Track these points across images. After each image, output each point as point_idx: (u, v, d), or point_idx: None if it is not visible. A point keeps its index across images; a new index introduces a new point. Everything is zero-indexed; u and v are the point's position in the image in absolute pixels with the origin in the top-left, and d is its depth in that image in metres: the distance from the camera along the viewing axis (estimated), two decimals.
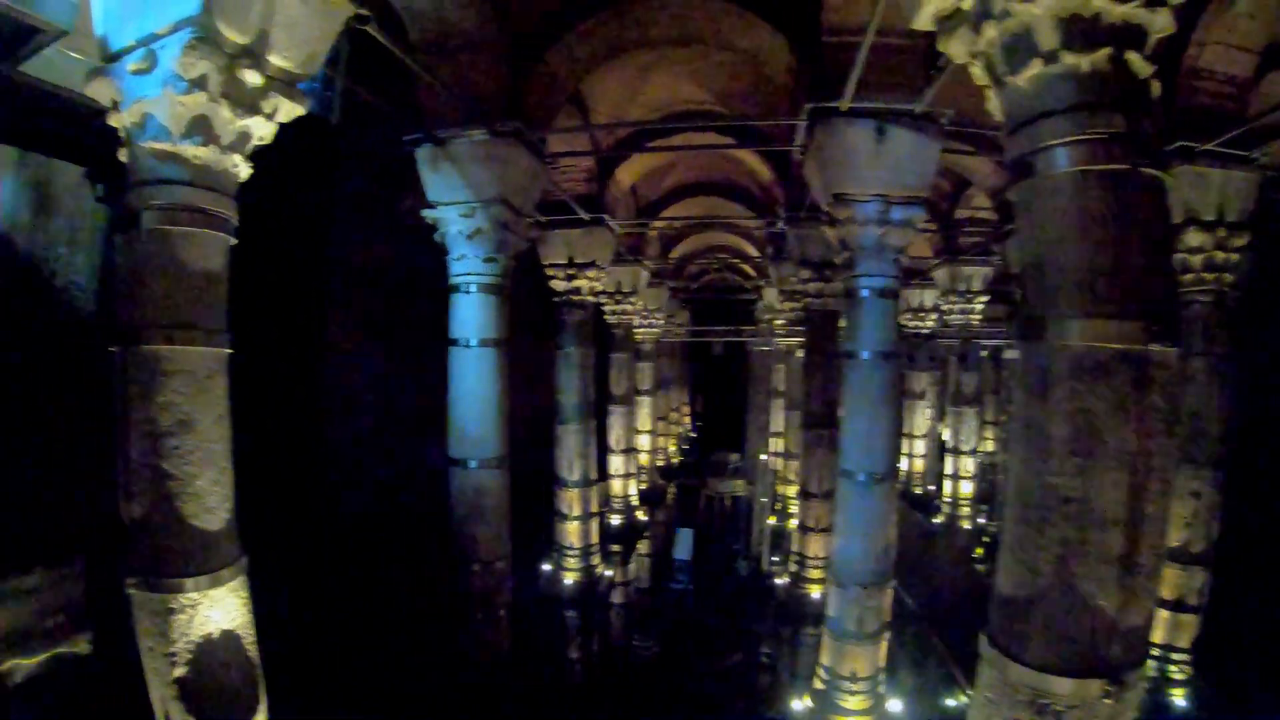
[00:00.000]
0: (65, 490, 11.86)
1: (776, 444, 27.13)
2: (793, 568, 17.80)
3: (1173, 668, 10.91)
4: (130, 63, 5.13)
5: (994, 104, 5.00)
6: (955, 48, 5.06)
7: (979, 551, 23.35)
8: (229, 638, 5.53)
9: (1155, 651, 10.83)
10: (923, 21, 5.27)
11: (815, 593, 16.69)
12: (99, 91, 5.38)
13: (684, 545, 22.13)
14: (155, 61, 5.03)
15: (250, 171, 5.72)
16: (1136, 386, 4.25)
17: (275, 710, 6.04)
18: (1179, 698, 10.83)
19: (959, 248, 19.93)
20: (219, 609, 5.45)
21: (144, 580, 5.33)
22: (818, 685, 11.38)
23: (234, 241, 5.66)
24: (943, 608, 17.25)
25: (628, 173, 17.82)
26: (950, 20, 5.04)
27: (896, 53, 8.86)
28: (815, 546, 16.71)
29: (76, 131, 10.19)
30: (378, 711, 12.34)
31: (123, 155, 5.46)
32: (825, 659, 11.21)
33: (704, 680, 15.96)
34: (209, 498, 5.40)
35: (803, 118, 9.69)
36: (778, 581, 18.65)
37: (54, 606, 11.06)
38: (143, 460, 5.24)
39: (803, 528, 17.04)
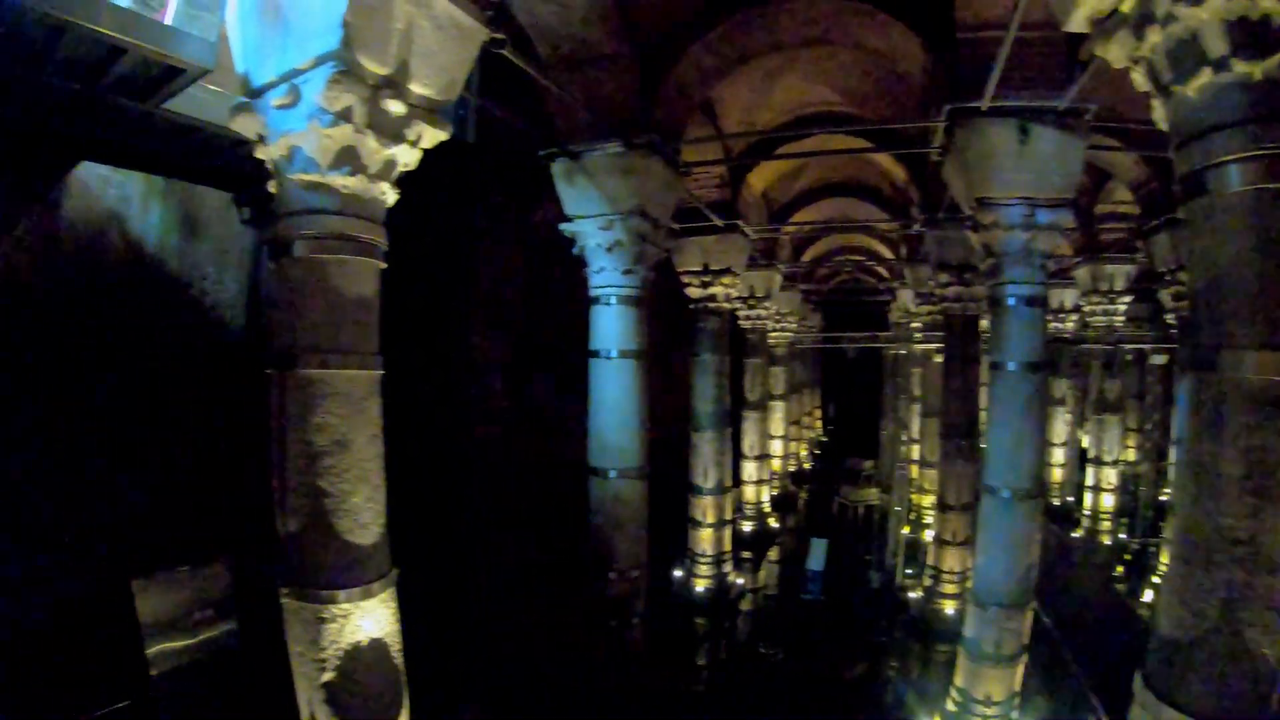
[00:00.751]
0: (212, 494, 12.44)
1: (912, 451, 26.37)
2: (927, 582, 17.28)
3: None
4: (274, 98, 5.26)
5: (1158, 113, 4.70)
6: (1114, 52, 4.76)
7: (1119, 570, 22.05)
8: (377, 646, 5.67)
9: None
10: (1076, 23, 5.01)
11: (949, 609, 16.19)
12: (244, 126, 5.55)
13: (817, 555, 21.67)
14: (299, 96, 5.15)
15: (397, 196, 5.83)
16: None
17: (416, 712, 6.17)
18: None
19: (1100, 245, 18.95)
20: (369, 619, 5.59)
21: (297, 590, 5.48)
22: (950, 706, 11.02)
23: (384, 266, 5.78)
24: (1080, 630, 16.45)
25: (759, 177, 17.66)
26: (1107, 23, 4.75)
27: (1035, 47, 8.41)
28: (951, 560, 16.20)
29: (218, 160, 10.64)
30: (513, 713, 12.50)
31: (271, 186, 5.62)
32: (959, 680, 10.84)
33: (833, 692, 15.63)
34: (363, 514, 5.54)
35: (942, 119, 9.34)
36: (911, 595, 18.19)
37: (201, 600, 11.59)
38: (299, 478, 5.39)
39: (939, 540, 16.54)
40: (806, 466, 38.18)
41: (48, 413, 10.83)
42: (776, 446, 28.80)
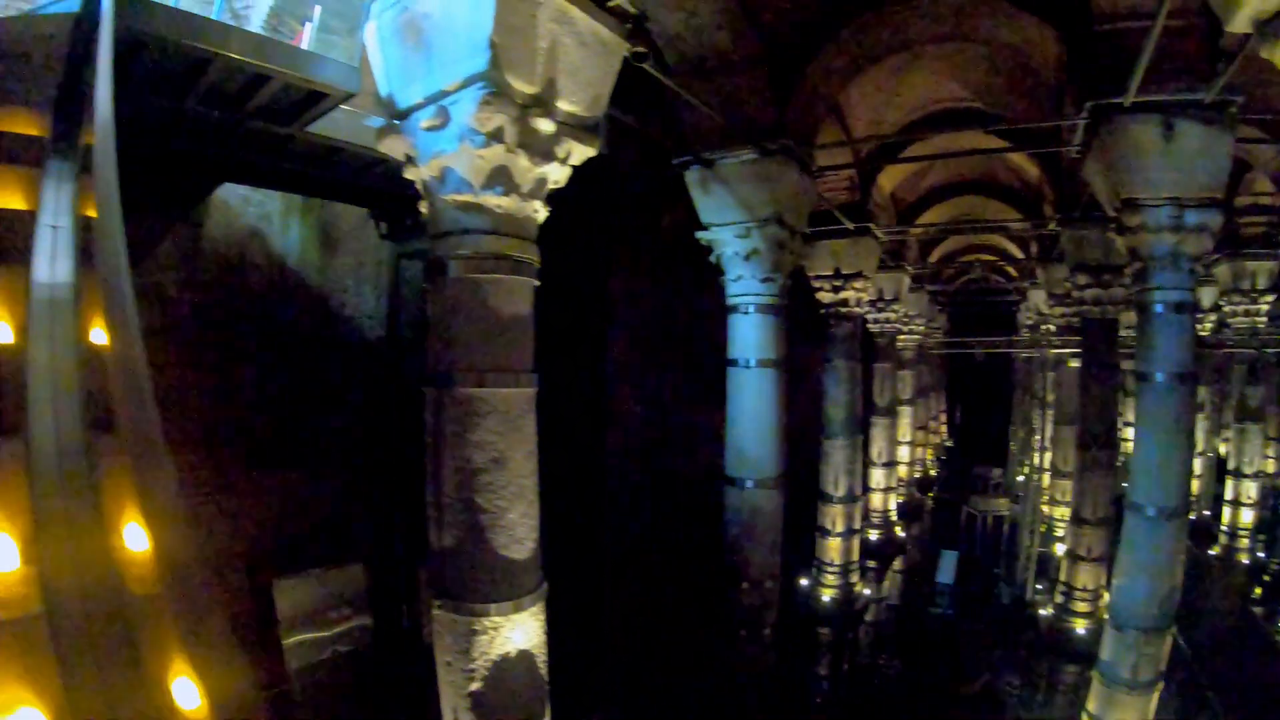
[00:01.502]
0: (350, 498, 12.85)
1: (1043, 459, 25.28)
2: (1058, 599, 16.52)
3: None
4: (422, 120, 5.39)
5: None
6: None
7: (1258, 591, 20.58)
8: (524, 657, 5.78)
9: None
10: (1239, 24, 4.81)
11: (1080, 628, 15.48)
12: (392, 148, 5.71)
13: (947, 568, 21.06)
14: (448, 117, 5.25)
15: (548, 213, 5.89)
16: None
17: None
18: None
19: (1240, 239, 17.81)
20: (519, 631, 5.70)
21: (450, 603, 5.62)
22: None
23: (537, 283, 5.85)
24: (1216, 654, 15.58)
25: (888, 178, 17.41)
26: (1272, 25, 4.54)
27: (1178, 37, 7.88)
28: (1084, 577, 15.52)
29: (358, 179, 10.99)
30: None
31: (422, 207, 5.75)
32: (1092, 705, 10.25)
33: (955, 709, 15.29)
34: (518, 529, 5.64)
35: (1082, 116, 8.89)
36: (1041, 612, 17.45)
37: (338, 598, 12.09)
38: (456, 495, 5.51)
39: (1072, 556, 15.85)
40: (932, 473, 37.17)
41: (197, 419, 11.36)
42: (903, 453, 28.07)
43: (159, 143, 8.99)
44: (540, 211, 5.80)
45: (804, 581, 18.19)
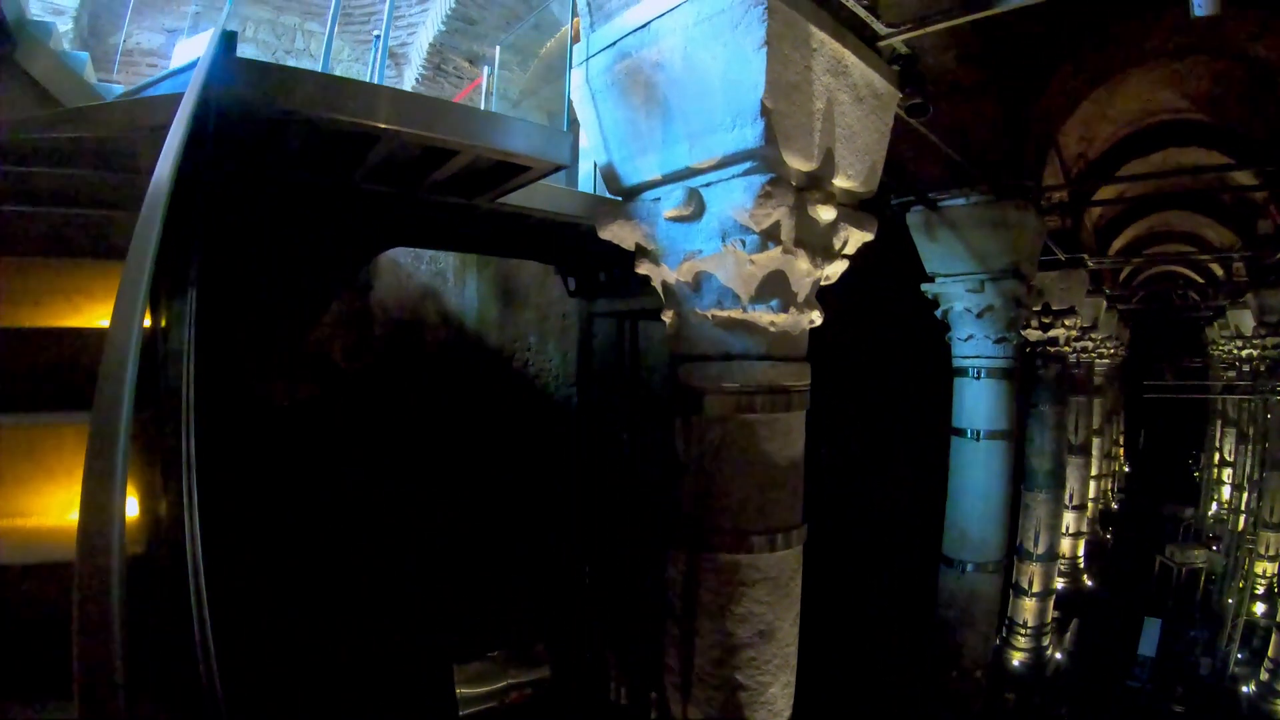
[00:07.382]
0: (525, 585, 12.45)
1: (1242, 501, 22.72)
2: (1263, 675, 14.82)
3: None
4: (665, 207, 4.32)
5: None
6: None
7: None
8: None
9: None
10: None
11: None
12: (619, 235, 4.70)
13: (1150, 639, 18.77)
14: (702, 206, 4.17)
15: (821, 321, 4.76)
16: None
17: None
18: None
19: None
20: None
21: None
22: None
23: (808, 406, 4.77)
24: None
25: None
26: None
27: None
28: None
29: (543, 238, 10.16)
30: None
31: (666, 317, 4.73)
32: None
33: None
34: (778, 703, 4.70)
35: None
36: (1243, 689, 15.65)
37: (516, 667, 11.77)
38: (713, 670, 4.57)
39: None
40: (1114, 505, 33.93)
41: (364, 491, 10.75)
42: (1090, 488, 25.70)
43: (319, 220, 8.24)
44: (816, 321, 4.67)
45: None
